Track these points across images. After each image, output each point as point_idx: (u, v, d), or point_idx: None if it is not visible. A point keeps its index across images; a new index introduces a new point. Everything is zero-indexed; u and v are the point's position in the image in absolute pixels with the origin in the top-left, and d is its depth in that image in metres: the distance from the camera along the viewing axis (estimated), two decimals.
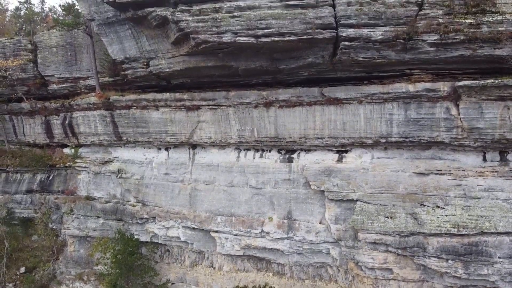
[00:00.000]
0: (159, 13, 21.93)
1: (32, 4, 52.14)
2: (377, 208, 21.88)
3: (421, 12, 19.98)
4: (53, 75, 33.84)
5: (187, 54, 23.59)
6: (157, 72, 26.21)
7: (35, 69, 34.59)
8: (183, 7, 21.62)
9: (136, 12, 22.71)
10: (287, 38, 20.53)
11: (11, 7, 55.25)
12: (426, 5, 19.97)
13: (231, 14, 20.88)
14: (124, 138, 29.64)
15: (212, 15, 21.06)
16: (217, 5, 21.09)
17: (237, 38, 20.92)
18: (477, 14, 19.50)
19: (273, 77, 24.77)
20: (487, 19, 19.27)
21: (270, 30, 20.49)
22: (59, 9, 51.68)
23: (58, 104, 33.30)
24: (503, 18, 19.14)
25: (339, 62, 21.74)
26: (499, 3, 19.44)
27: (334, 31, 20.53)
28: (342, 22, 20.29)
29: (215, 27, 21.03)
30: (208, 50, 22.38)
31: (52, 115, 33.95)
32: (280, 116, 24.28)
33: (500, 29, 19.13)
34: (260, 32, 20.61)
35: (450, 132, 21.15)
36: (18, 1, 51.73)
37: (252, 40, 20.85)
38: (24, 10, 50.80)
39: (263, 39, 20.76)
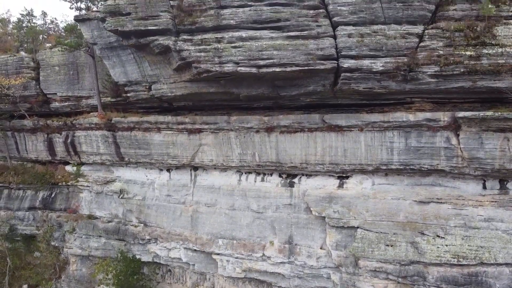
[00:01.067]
0: (162, 42, 22.10)
1: (33, 16, 52.30)
2: (378, 236, 22.03)
3: (422, 44, 20.13)
4: (55, 93, 33.99)
5: (189, 81, 23.78)
6: (159, 96, 26.39)
7: (38, 87, 34.75)
8: (185, 37, 21.81)
9: (138, 40, 22.86)
10: (288, 69, 20.70)
11: (13, 18, 55.20)
12: (427, 36, 20.14)
13: (232, 44, 21.04)
14: (126, 159, 29.82)
15: (214, 45, 21.23)
16: (219, 35, 21.24)
17: (239, 68, 21.09)
18: (477, 46, 19.63)
19: (275, 102, 24.95)
20: (487, 51, 19.41)
21: (272, 60, 20.66)
22: (61, 23, 52.00)
23: (60, 123, 33.47)
24: (503, 50, 19.29)
25: (340, 90, 21.91)
26: (499, 36, 19.57)
27: (335, 61, 20.69)
28: (343, 53, 20.46)
29: (217, 57, 21.21)
30: (210, 78, 22.57)
31: (54, 133, 34.13)
32: (281, 142, 24.43)
33: (500, 61, 19.28)
34: (261, 62, 20.78)
35: (450, 161, 21.31)
36: (20, 14, 52.05)
37: (253, 70, 21.03)
38: (26, 23, 51.12)
39: (264, 70, 20.93)
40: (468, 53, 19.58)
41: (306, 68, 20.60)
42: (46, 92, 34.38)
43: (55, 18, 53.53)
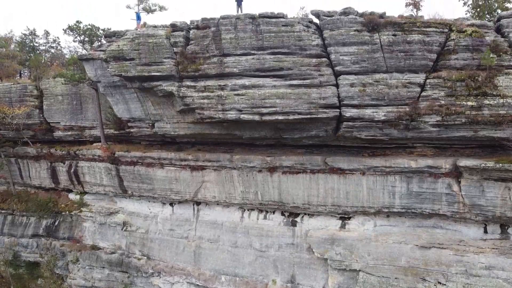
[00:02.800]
0: (165, 88, 22.33)
1: (36, 35, 52.64)
2: (380, 280, 22.20)
3: (423, 94, 20.29)
4: (58, 122, 34.21)
5: (192, 122, 23.99)
6: (162, 134, 26.61)
7: (41, 115, 34.99)
8: (188, 83, 22.02)
9: (142, 84, 23.09)
10: (291, 117, 20.90)
11: (16, 37, 55.31)
12: (428, 86, 20.29)
13: (235, 92, 21.26)
14: (129, 192, 30.03)
15: (217, 92, 21.45)
16: (222, 83, 21.44)
17: (242, 115, 21.31)
18: (478, 97, 19.75)
19: (277, 141, 25.14)
20: (488, 102, 19.54)
21: (274, 109, 20.87)
22: (64, 49, 52.20)
23: (63, 152, 33.70)
24: (504, 101, 19.43)
25: (342, 136, 22.07)
26: (500, 86, 19.67)
27: (338, 110, 20.89)
28: (345, 102, 20.64)
29: (220, 104, 21.43)
30: (213, 121, 22.75)
31: (57, 161, 34.34)
32: (283, 182, 24.60)
33: (501, 112, 19.43)
34: (264, 110, 21.00)
35: (452, 207, 21.46)
36: (23, 34, 52.30)
37: (256, 117, 21.24)
38: (28, 42, 51.37)
39: (267, 117, 21.14)
40: (469, 103, 19.72)
41: (308, 116, 20.78)
42: (49, 121, 34.62)
43: (58, 37, 53.32)
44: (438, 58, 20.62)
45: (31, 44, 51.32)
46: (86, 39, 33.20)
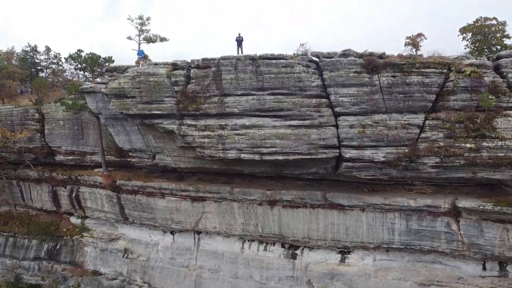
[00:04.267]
0: (166, 126, 22.51)
1: (37, 51, 52.76)
2: None
3: (423, 135, 20.40)
4: (60, 147, 34.36)
5: (193, 158, 24.14)
6: (163, 165, 26.77)
7: (42, 139, 35.13)
8: (189, 121, 22.16)
9: (143, 120, 23.24)
10: (291, 158, 21.05)
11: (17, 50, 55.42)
12: (427, 127, 20.41)
13: (236, 132, 21.40)
14: (130, 220, 30.22)
15: (218, 132, 21.60)
16: (222, 122, 21.60)
17: (242, 155, 21.46)
18: (477, 139, 19.88)
19: (277, 174, 25.26)
20: (487, 144, 19.67)
21: (274, 149, 21.01)
22: (63, 54, 52.09)
23: (65, 177, 33.90)
24: (503, 144, 19.55)
25: (342, 174, 22.21)
26: (498, 128, 19.80)
27: (337, 150, 21.02)
28: (344, 143, 20.78)
29: (221, 143, 21.59)
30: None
31: (59, 186, 34.55)
32: (284, 215, 24.76)
33: (499, 154, 19.56)
34: (264, 150, 21.13)
35: (451, 244, 21.62)
36: (24, 50, 52.44)
37: (256, 157, 21.39)
38: (29, 59, 51.49)
39: (267, 157, 21.28)
40: (468, 145, 19.84)
41: (308, 157, 20.92)
42: (51, 145, 34.78)
43: (59, 53, 53.34)
44: (437, 98, 20.73)
45: (32, 60, 51.55)
46: (87, 67, 33.30)
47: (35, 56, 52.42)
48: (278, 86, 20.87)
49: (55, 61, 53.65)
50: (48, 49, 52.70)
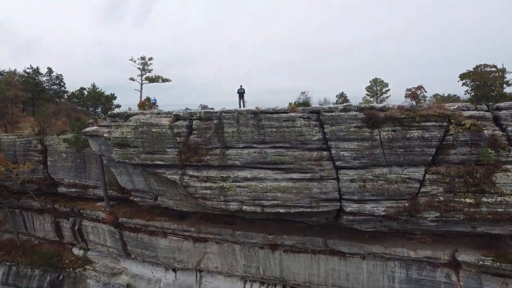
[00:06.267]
0: (168, 176, 22.71)
1: (40, 73, 53.00)
2: None
3: (423, 189, 20.54)
4: (62, 179, 34.62)
5: (195, 203, 24.33)
6: (166, 207, 26.96)
7: (45, 171, 35.41)
8: (191, 172, 22.34)
9: (145, 169, 23.45)
10: (292, 210, 21.26)
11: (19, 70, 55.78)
12: (427, 182, 20.54)
13: (237, 184, 21.57)
14: (133, 256, 30.45)
15: (219, 184, 21.78)
16: (224, 174, 21.78)
17: (244, 207, 21.67)
18: (476, 194, 20.00)
19: (279, 218, 25.44)
20: (486, 199, 19.79)
21: (276, 202, 21.20)
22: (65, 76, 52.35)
23: (67, 209, 34.17)
24: (502, 199, 19.66)
25: (342, 224, 22.40)
26: (498, 183, 19.92)
27: (338, 203, 21.20)
28: (345, 197, 20.94)
29: (223, 195, 21.78)
30: None
31: (61, 217, 34.84)
32: (285, 259, 24.98)
33: (499, 210, 19.68)
34: (266, 203, 21.32)
35: None
36: (26, 72, 52.73)
37: (258, 209, 21.59)
38: (31, 81, 51.73)
39: (269, 209, 21.49)
40: (468, 200, 19.96)
41: (309, 210, 21.12)
42: (53, 176, 35.05)
43: (61, 75, 53.64)
44: (437, 151, 20.87)
45: (35, 82, 51.82)
46: (90, 105, 33.52)
47: (37, 77, 52.80)
48: (280, 140, 21.05)
49: (57, 82, 54.12)
50: (50, 71, 53.10)
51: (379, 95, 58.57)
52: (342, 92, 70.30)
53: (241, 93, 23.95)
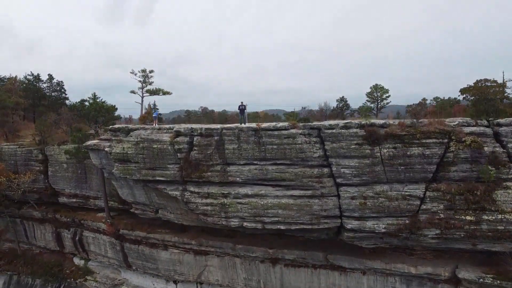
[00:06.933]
0: (169, 192, 22.74)
1: (40, 80, 53.07)
2: None
3: (423, 207, 20.57)
4: (63, 189, 34.68)
5: (196, 218, 24.36)
6: (166, 220, 27.00)
7: (46, 180, 35.46)
8: (192, 188, 22.38)
9: (147, 184, 23.48)
10: (293, 227, 21.30)
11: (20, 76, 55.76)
12: (428, 199, 20.57)
13: (238, 200, 21.61)
14: (134, 267, 30.51)
15: (220, 200, 21.82)
16: (225, 191, 21.81)
17: (245, 224, 21.71)
18: (477, 211, 20.05)
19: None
20: (487, 217, 19.83)
21: (277, 218, 21.24)
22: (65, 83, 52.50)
23: (68, 219, 34.22)
24: (502, 217, 19.69)
25: (343, 240, 22.44)
26: (498, 201, 19.97)
27: (339, 220, 21.23)
28: (346, 214, 20.98)
29: (224, 212, 21.82)
30: None
31: (62, 227, 34.87)
32: (286, 274, 25.02)
33: (499, 227, 19.71)
34: (267, 220, 21.37)
35: None
36: (27, 79, 52.79)
37: (259, 226, 21.63)
38: (32, 88, 51.79)
39: (270, 226, 21.52)
40: (468, 217, 20.00)
41: (310, 227, 21.16)
42: (54, 186, 35.10)
43: (61, 81, 53.73)
44: (437, 168, 20.90)
45: (35, 88, 51.88)
46: (91, 117, 33.54)
47: (37, 84, 52.88)
48: (280, 157, 21.08)
49: (58, 88, 54.18)
50: (51, 77, 53.17)
51: (379, 101, 58.56)
52: (343, 97, 70.31)
53: (242, 109, 24.02)
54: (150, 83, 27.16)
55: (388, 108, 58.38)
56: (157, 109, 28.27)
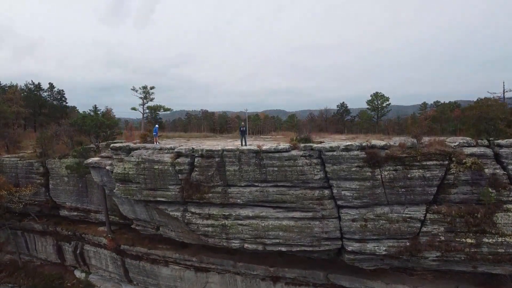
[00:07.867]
0: (171, 213, 22.79)
1: (41, 89, 53.18)
2: None
3: (424, 229, 20.61)
4: (64, 202, 34.74)
5: (197, 237, 24.40)
6: (167, 237, 27.05)
7: (47, 193, 35.54)
8: (193, 209, 22.43)
9: (147, 204, 23.53)
10: (294, 249, 21.35)
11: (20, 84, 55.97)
12: (428, 221, 20.61)
13: (239, 222, 21.67)
14: (135, 282, 30.54)
15: (221, 221, 21.87)
16: (226, 212, 21.87)
17: (246, 245, 21.76)
18: (477, 234, 20.09)
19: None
20: (487, 240, 19.87)
21: (278, 240, 21.29)
22: (66, 91, 52.56)
23: (69, 232, 34.28)
24: (503, 240, 19.74)
25: (344, 261, 22.49)
26: (499, 223, 20.02)
27: (340, 242, 21.28)
28: (347, 236, 21.02)
29: (224, 233, 21.87)
30: None
31: (63, 241, 34.92)
32: None
33: (500, 250, 19.77)
34: (268, 241, 21.42)
35: None
36: (27, 88, 52.88)
37: (260, 247, 21.68)
38: (33, 97, 51.90)
39: (271, 247, 21.58)
40: (469, 240, 20.04)
41: (310, 249, 21.21)
42: (55, 199, 35.18)
43: (62, 90, 53.84)
44: (438, 189, 20.95)
45: (36, 97, 51.99)
46: (92, 132, 33.61)
47: (38, 93, 52.99)
48: (281, 179, 21.12)
49: (58, 97, 54.28)
50: (51, 86, 53.26)
51: (379, 109, 58.51)
52: (343, 102, 70.32)
53: (243, 130, 24.07)
54: (151, 99, 27.21)
55: (389, 110, 58.31)
56: (158, 123, 28.10)
